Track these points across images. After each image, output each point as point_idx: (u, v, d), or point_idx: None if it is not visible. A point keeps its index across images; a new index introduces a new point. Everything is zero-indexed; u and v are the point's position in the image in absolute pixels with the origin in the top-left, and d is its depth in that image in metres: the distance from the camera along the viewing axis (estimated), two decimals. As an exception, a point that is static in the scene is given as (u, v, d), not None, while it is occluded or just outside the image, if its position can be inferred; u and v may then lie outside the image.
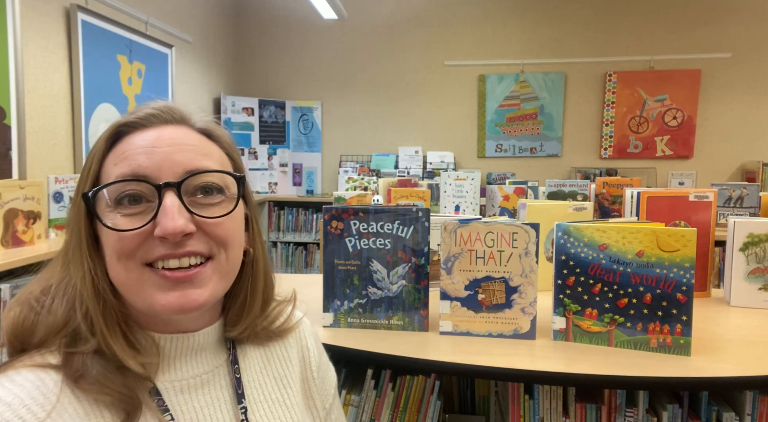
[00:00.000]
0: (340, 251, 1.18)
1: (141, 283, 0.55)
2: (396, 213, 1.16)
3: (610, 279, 1.10)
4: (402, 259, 1.17)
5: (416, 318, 1.18)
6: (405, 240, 1.16)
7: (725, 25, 4.42)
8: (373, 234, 1.17)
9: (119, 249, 0.54)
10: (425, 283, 1.17)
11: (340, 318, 1.19)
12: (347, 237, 1.17)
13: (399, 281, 1.17)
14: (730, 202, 2.76)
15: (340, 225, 1.17)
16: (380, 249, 1.17)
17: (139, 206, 0.55)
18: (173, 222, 0.54)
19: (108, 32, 3.07)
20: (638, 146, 4.61)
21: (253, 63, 5.04)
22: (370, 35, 4.88)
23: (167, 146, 0.57)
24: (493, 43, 4.74)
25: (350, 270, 1.18)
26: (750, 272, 1.39)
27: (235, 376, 0.64)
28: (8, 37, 2.38)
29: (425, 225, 1.16)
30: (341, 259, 1.18)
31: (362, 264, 1.17)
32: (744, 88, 4.45)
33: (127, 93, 3.29)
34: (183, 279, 0.55)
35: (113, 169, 0.56)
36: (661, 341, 1.07)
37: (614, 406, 1.08)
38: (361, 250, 1.17)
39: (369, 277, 1.17)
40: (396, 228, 1.16)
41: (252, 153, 4.83)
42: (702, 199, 1.49)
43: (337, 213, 1.17)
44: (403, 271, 1.17)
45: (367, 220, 1.17)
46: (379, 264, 1.17)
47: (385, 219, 1.16)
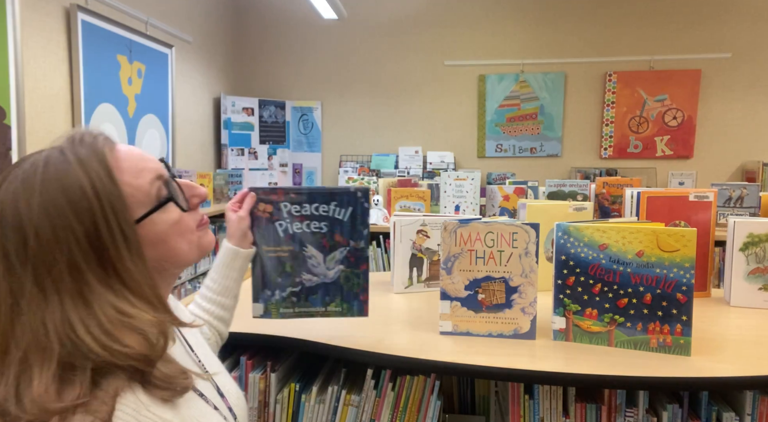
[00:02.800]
0: (269, 236, 1.06)
1: (197, 240, 0.74)
2: (332, 193, 1.07)
3: (610, 279, 1.10)
4: (340, 243, 1.08)
5: (355, 303, 1.10)
6: (342, 223, 1.07)
7: (725, 25, 4.42)
8: (307, 217, 1.07)
9: (182, 227, 0.71)
10: (365, 268, 1.09)
11: (271, 309, 1.09)
12: (277, 221, 1.06)
13: (336, 266, 1.09)
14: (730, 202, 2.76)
15: (268, 208, 1.06)
16: (315, 233, 1.07)
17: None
18: (202, 189, 0.77)
19: (108, 32, 3.07)
20: (638, 146, 4.61)
21: (253, 63, 5.04)
22: (370, 35, 4.88)
23: (141, 151, 0.72)
24: (493, 43, 4.74)
25: (282, 256, 1.07)
26: (750, 272, 1.39)
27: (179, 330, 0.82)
28: (8, 37, 2.38)
29: (365, 207, 1.07)
30: (271, 245, 1.07)
31: (295, 250, 1.07)
32: (744, 88, 4.45)
33: (127, 93, 3.29)
34: (208, 222, 0.79)
35: (140, 182, 0.66)
36: (661, 341, 1.07)
37: (614, 406, 1.08)
38: (293, 235, 1.07)
39: (303, 263, 1.08)
40: (333, 210, 1.07)
41: (252, 153, 4.83)
42: (702, 198, 1.49)
43: (265, 194, 1.06)
44: (340, 256, 1.08)
45: (300, 202, 1.07)
46: (315, 249, 1.08)
47: (320, 201, 1.07)
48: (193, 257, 0.74)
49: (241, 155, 4.76)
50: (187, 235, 0.72)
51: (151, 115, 3.56)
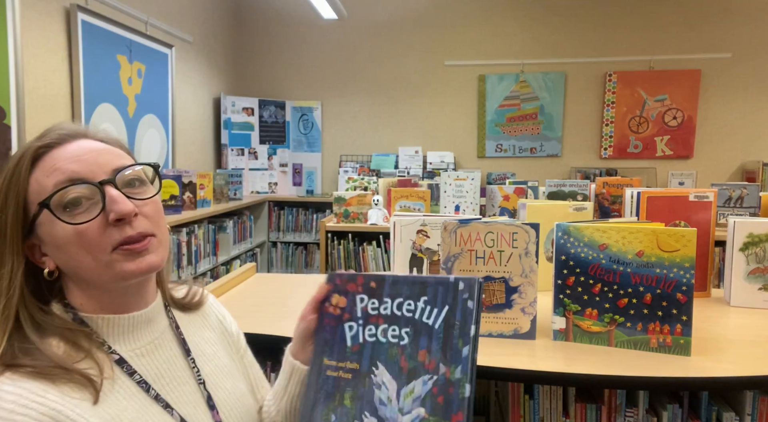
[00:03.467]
0: (333, 344, 0.75)
1: (111, 263, 0.67)
2: (424, 284, 0.74)
3: (610, 279, 1.10)
4: (423, 366, 0.70)
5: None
6: (432, 332, 0.71)
7: (725, 25, 4.42)
8: (386, 319, 0.74)
9: (85, 241, 0.66)
10: (461, 419, 0.66)
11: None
12: (348, 322, 0.76)
13: (415, 409, 0.69)
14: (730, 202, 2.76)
15: (342, 301, 0.77)
16: (392, 345, 0.73)
17: (82, 206, 0.67)
18: (125, 205, 0.67)
19: (108, 32, 3.07)
20: (638, 146, 4.61)
21: (253, 63, 5.04)
22: (370, 35, 4.88)
23: (90, 153, 0.69)
24: (493, 43, 4.74)
25: (342, 379, 0.73)
26: (750, 272, 1.39)
27: (180, 337, 0.80)
28: (8, 37, 2.38)
29: (469, 308, 0.70)
30: (333, 358, 0.75)
31: (362, 370, 0.73)
32: (744, 88, 4.45)
33: (127, 93, 3.29)
34: (141, 248, 0.69)
35: (47, 181, 0.66)
36: (661, 341, 1.07)
37: (614, 406, 1.08)
38: (364, 345, 0.74)
39: (367, 395, 0.71)
40: (420, 310, 0.73)
41: (252, 153, 4.83)
42: (702, 199, 1.49)
43: (342, 282, 0.78)
44: (422, 390, 0.69)
45: (380, 295, 0.75)
46: (387, 373, 0.71)
47: (406, 294, 0.74)
48: (105, 278, 0.68)
49: (241, 155, 4.76)
50: (93, 252, 0.66)
51: (151, 115, 3.56)
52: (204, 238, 3.46)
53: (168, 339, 0.78)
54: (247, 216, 4.28)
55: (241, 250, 4.13)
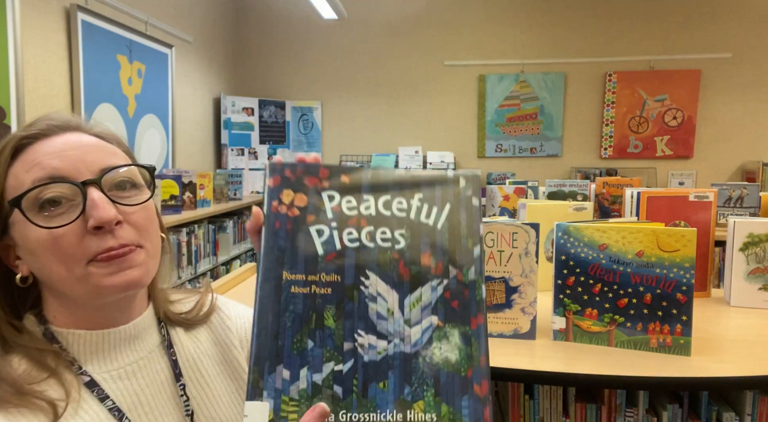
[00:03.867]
0: (295, 254, 0.58)
1: (86, 276, 0.59)
2: (416, 180, 0.62)
3: (610, 279, 1.10)
4: (429, 271, 0.59)
5: (465, 404, 0.55)
6: (435, 233, 0.60)
7: (725, 25, 4.42)
8: (371, 220, 0.60)
9: (58, 249, 0.58)
10: (482, 323, 0.58)
11: (287, 415, 0.53)
12: (314, 225, 0.59)
13: (425, 318, 0.58)
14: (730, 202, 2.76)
15: (300, 199, 0.60)
16: (384, 250, 0.59)
17: (60, 207, 0.59)
18: (106, 212, 0.58)
19: (108, 32, 3.07)
20: (638, 146, 4.61)
21: (253, 63, 5.04)
22: (370, 35, 4.88)
23: (77, 149, 0.61)
24: (493, 43, 4.74)
25: (318, 295, 0.57)
26: (750, 272, 1.39)
27: (171, 358, 0.69)
28: (8, 37, 2.38)
29: (473, 204, 0.62)
30: (298, 272, 0.57)
31: (346, 283, 0.58)
32: (744, 88, 4.45)
33: (127, 93, 3.29)
34: (121, 260, 0.60)
35: (26, 176, 0.59)
36: (661, 341, 1.07)
37: (614, 406, 1.08)
38: (343, 252, 0.59)
39: (359, 311, 0.57)
40: (415, 209, 0.61)
41: (252, 153, 4.83)
42: (702, 199, 1.49)
43: (296, 175, 0.61)
44: (432, 297, 0.59)
45: (357, 191, 0.61)
46: (383, 283, 0.58)
47: (395, 191, 0.61)
48: (78, 292, 0.60)
49: (241, 155, 4.76)
50: (67, 262, 0.58)
51: (151, 115, 3.56)
52: (204, 238, 3.46)
53: (155, 360, 0.68)
54: (247, 217, 4.28)
55: (241, 250, 4.13)
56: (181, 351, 0.71)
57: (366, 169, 0.62)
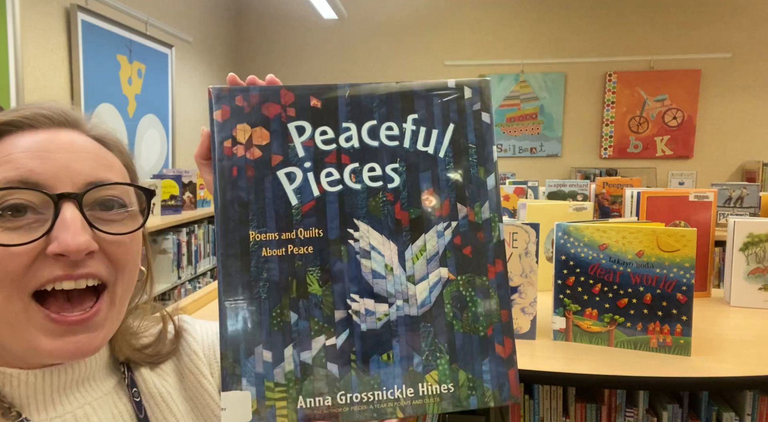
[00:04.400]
0: (262, 207, 0.47)
1: (24, 320, 0.46)
2: (408, 94, 0.50)
3: (610, 279, 1.10)
4: (433, 212, 0.48)
5: (487, 368, 0.47)
6: (437, 163, 0.49)
7: (725, 25, 4.42)
8: (354, 155, 0.48)
9: (2, 271, 0.45)
10: (500, 270, 0.49)
11: (273, 403, 0.45)
12: (283, 168, 0.48)
13: (432, 272, 0.48)
14: (730, 202, 2.76)
15: (262, 135, 0.48)
16: (375, 190, 0.48)
17: (23, 219, 0.46)
18: (75, 239, 0.45)
19: (108, 32, 3.07)
20: (638, 146, 4.61)
21: (253, 63, 5.04)
22: (370, 35, 4.88)
23: (64, 152, 0.49)
24: (493, 43, 4.74)
25: (296, 256, 0.47)
26: (750, 272, 1.39)
27: (134, 401, 0.56)
28: (8, 37, 2.38)
29: (483, 120, 0.51)
30: (268, 229, 0.47)
31: (330, 237, 0.47)
32: (744, 88, 4.45)
33: (127, 93, 3.29)
34: (78, 323, 0.47)
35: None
36: (661, 341, 1.07)
37: (614, 406, 1.08)
38: (323, 198, 0.48)
39: (351, 272, 0.47)
40: (410, 135, 0.49)
41: (252, 153, 4.83)
42: (702, 199, 1.49)
43: (250, 103, 0.48)
44: (439, 244, 0.48)
45: (334, 118, 0.49)
46: (376, 233, 0.48)
47: (382, 113, 0.49)
48: (8, 334, 0.47)
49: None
50: (7, 289, 0.46)
51: (151, 115, 3.56)
52: (204, 238, 3.46)
53: (113, 401, 0.55)
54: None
55: (241, 250, 4.13)
56: (144, 390, 0.58)
57: (342, 86, 0.49)
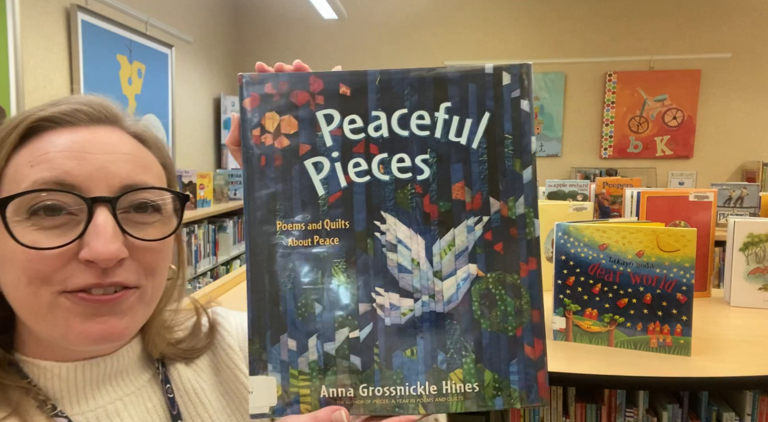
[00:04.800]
0: (289, 197, 0.47)
1: (55, 307, 0.46)
2: (439, 80, 0.47)
3: (610, 279, 1.10)
4: (463, 206, 0.47)
5: (515, 370, 0.46)
6: (470, 154, 0.47)
7: (725, 25, 4.42)
8: (383, 145, 0.47)
9: (32, 271, 0.45)
10: (534, 269, 0.47)
11: (297, 390, 0.46)
12: (309, 158, 0.47)
13: (461, 268, 0.47)
14: (730, 202, 2.76)
15: (291, 124, 0.48)
16: (403, 182, 0.47)
17: (58, 218, 0.46)
18: (106, 246, 0.45)
19: (108, 32, 3.07)
20: (638, 146, 4.61)
21: (253, 63, 5.01)
22: (370, 35, 4.88)
23: (102, 153, 0.48)
24: (493, 43, 4.74)
25: (322, 247, 0.47)
26: (750, 272, 1.39)
27: (167, 396, 0.56)
28: (8, 37, 2.38)
29: (522, 108, 0.47)
30: (295, 220, 0.47)
31: (357, 229, 0.47)
32: (744, 88, 4.45)
33: (127, 93, 3.29)
34: (105, 302, 0.47)
35: (29, 171, 0.46)
36: (661, 341, 1.07)
37: (614, 406, 1.08)
38: (350, 189, 0.47)
39: (376, 265, 0.47)
40: (442, 123, 0.47)
41: (252, 153, 4.83)
42: (702, 199, 1.49)
43: (280, 91, 0.49)
44: (469, 240, 0.47)
45: (363, 106, 0.47)
46: (404, 226, 0.47)
47: (413, 101, 0.47)
48: (41, 325, 0.47)
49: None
50: (36, 283, 0.46)
51: (151, 115, 3.56)
52: (204, 238, 3.46)
53: (146, 396, 0.55)
54: (247, 216, 4.27)
55: (241, 250, 4.13)
56: (179, 385, 0.58)
57: (372, 73, 0.47)
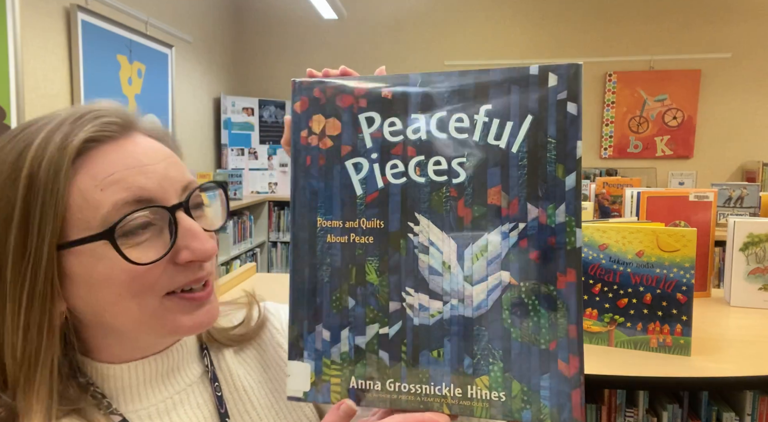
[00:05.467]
0: (330, 195, 0.48)
1: (161, 311, 0.49)
2: (484, 84, 0.46)
3: (610, 279, 1.10)
4: (498, 211, 0.46)
5: (546, 385, 0.45)
6: (508, 159, 0.46)
7: (725, 25, 4.42)
8: (421, 148, 0.47)
9: (138, 284, 0.48)
10: (572, 280, 0.45)
11: (328, 377, 0.48)
12: (350, 158, 0.48)
13: (492, 275, 0.46)
14: (730, 202, 2.76)
15: (335, 126, 0.49)
16: (438, 184, 0.47)
17: (145, 232, 0.48)
18: (205, 245, 0.49)
19: (108, 32, 3.07)
20: (638, 146, 4.61)
21: (253, 63, 5.04)
22: (370, 35, 4.88)
23: (156, 162, 0.50)
24: (493, 42, 4.74)
25: (357, 245, 0.48)
26: (750, 272, 1.39)
27: (216, 395, 0.58)
28: (8, 37, 2.38)
29: (569, 111, 0.45)
30: (334, 217, 0.48)
31: (391, 229, 0.47)
32: (744, 88, 4.45)
33: (127, 93, 3.29)
34: (204, 298, 0.52)
35: (102, 196, 0.46)
36: (661, 341, 1.07)
37: (614, 406, 1.08)
38: (387, 190, 0.47)
39: (408, 265, 0.47)
40: (481, 126, 0.46)
41: (252, 153, 4.83)
42: (702, 199, 1.49)
43: (326, 95, 0.49)
44: (502, 246, 0.46)
45: (404, 109, 0.47)
46: (437, 229, 0.46)
47: (453, 104, 0.47)
48: (144, 330, 0.50)
49: (241, 155, 4.76)
50: (142, 296, 0.48)
51: (151, 115, 3.54)
52: (204, 238, 3.46)
53: (196, 393, 0.57)
54: (247, 216, 4.28)
55: (241, 250, 4.13)
56: (228, 382, 0.60)
57: (414, 76, 0.48)
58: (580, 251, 0.45)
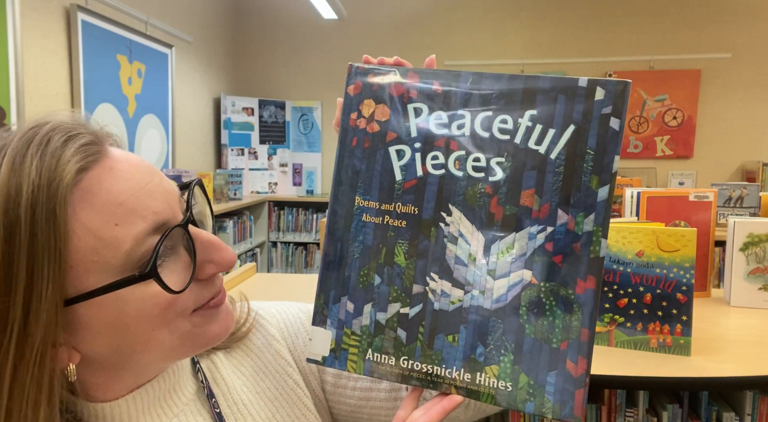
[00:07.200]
0: (371, 177, 0.50)
1: (193, 331, 0.48)
2: (532, 89, 0.48)
3: (610, 279, 1.10)
4: (529, 213, 0.47)
5: (552, 382, 0.46)
6: (546, 164, 0.47)
7: (725, 25, 4.42)
8: (463, 143, 0.48)
9: (171, 312, 0.45)
10: (591, 287, 0.47)
11: (347, 347, 0.50)
12: (394, 145, 0.50)
13: (514, 272, 0.47)
14: (730, 202, 2.76)
15: (383, 112, 0.50)
16: (475, 180, 0.48)
17: (167, 257, 0.46)
18: (229, 253, 0.48)
19: (108, 32, 3.07)
20: (638, 146, 4.61)
21: (253, 63, 5.04)
22: (370, 35, 4.88)
23: (150, 176, 0.46)
24: (493, 43, 4.74)
25: (390, 227, 0.49)
26: (750, 272, 1.39)
27: (214, 412, 0.55)
28: (8, 37, 2.38)
29: (612, 126, 0.46)
30: (372, 198, 0.50)
31: (424, 217, 0.49)
32: (744, 88, 4.45)
33: (127, 93, 3.29)
34: (222, 301, 0.51)
35: (119, 230, 0.41)
36: (661, 341, 1.07)
37: (614, 406, 1.08)
38: (425, 179, 0.49)
39: (435, 252, 0.49)
40: (524, 129, 0.47)
41: (252, 153, 4.83)
42: (702, 199, 1.49)
43: (379, 79, 0.52)
44: (528, 246, 0.47)
45: (451, 103, 0.49)
46: (468, 221, 0.48)
47: (500, 105, 0.48)
48: (172, 352, 0.47)
49: (241, 155, 4.76)
50: (174, 322, 0.46)
51: (151, 115, 3.56)
52: (204, 238, 3.46)
53: (194, 412, 0.54)
54: (247, 216, 4.28)
55: (241, 250, 4.13)
56: (226, 396, 0.57)
57: (466, 74, 0.49)
58: (603, 260, 0.47)
